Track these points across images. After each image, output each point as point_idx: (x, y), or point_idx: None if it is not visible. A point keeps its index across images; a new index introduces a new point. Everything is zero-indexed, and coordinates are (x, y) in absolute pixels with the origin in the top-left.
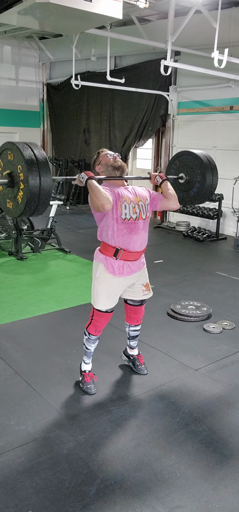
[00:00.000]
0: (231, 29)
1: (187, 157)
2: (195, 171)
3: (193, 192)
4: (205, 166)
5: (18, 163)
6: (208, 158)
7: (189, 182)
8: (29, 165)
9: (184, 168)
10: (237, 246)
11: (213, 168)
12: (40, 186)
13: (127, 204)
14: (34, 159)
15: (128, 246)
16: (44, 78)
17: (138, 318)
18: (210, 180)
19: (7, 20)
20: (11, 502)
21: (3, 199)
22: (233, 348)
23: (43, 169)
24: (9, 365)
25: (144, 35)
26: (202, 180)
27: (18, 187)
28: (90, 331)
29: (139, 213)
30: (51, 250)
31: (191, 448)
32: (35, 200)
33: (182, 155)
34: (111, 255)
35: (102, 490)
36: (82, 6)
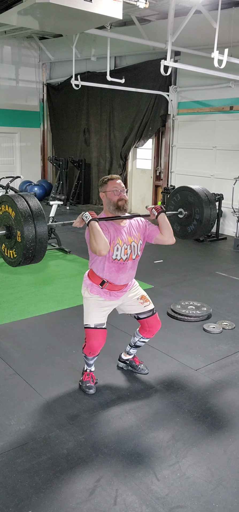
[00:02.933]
0: (231, 29)
1: (188, 193)
2: (194, 208)
3: (190, 229)
4: (204, 205)
5: (13, 215)
6: (207, 194)
7: (188, 217)
8: (24, 217)
9: (184, 203)
10: (237, 246)
11: (212, 206)
12: (36, 236)
13: (119, 247)
14: (28, 211)
15: (114, 281)
16: (44, 78)
17: (154, 331)
18: (208, 217)
19: (7, 20)
20: (11, 502)
21: (3, 248)
22: (233, 348)
23: (38, 220)
24: (9, 365)
25: (144, 35)
26: (200, 218)
27: (15, 239)
28: (85, 352)
29: (129, 254)
30: (51, 250)
31: (191, 448)
32: (32, 250)
33: (184, 190)
34: (98, 283)
35: (102, 490)
36: (82, 6)
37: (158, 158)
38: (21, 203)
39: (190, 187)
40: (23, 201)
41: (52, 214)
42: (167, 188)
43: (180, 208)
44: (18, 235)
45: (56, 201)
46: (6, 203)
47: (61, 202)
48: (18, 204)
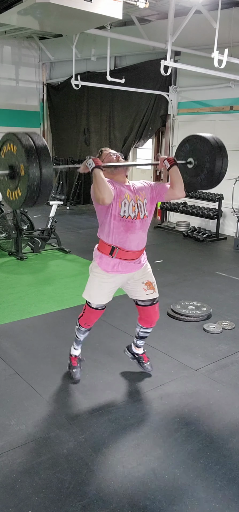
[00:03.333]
0: (231, 29)
1: (197, 141)
2: (204, 156)
3: (201, 178)
4: (214, 151)
5: (18, 154)
6: (218, 142)
7: (197, 167)
8: (29, 155)
9: (194, 152)
10: (237, 246)
11: (223, 153)
12: (41, 176)
13: (126, 202)
14: (34, 149)
15: (124, 245)
16: (44, 78)
17: (151, 321)
18: (219, 165)
19: (7, 20)
20: (11, 502)
21: (4, 188)
22: (233, 348)
23: (43, 159)
24: (9, 365)
25: (144, 35)
26: (211, 166)
27: (18, 178)
28: (81, 322)
29: (137, 212)
30: (51, 250)
31: (191, 448)
32: (36, 190)
33: (192, 139)
34: (108, 253)
35: (102, 490)
36: (82, 6)
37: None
38: (25, 139)
39: (199, 135)
40: (28, 138)
41: (52, 214)
42: None
43: (189, 158)
44: (21, 169)
45: (56, 201)
46: (10, 141)
47: (61, 202)
48: (22, 140)
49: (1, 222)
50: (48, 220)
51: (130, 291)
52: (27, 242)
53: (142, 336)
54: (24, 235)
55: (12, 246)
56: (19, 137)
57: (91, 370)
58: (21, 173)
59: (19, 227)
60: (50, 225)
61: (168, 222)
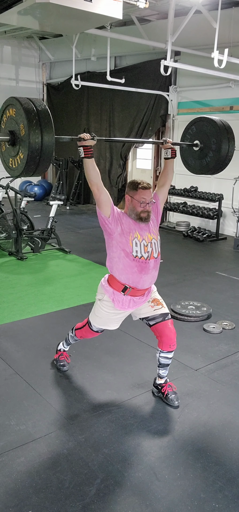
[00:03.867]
0: (231, 29)
1: (203, 123)
2: (210, 138)
3: (206, 161)
4: (221, 133)
5: (20, 119)
6: (225, 124)
7: (203, 150)
8: (30, 121)
9: (200, 135)
10: (237, 246)
11: (230, 136)
12: (42, 142)
13: (137, 242)
14: (36, 115)
15: (137, 285)
16: (44, 78)
17: (169, 341)
18: (226, 149)
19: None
20: (11, 502)
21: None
22: (233, 348)
23: (45, 126)
24: (9, 365)
25: (144, 35)
26: (217, 148)
27: (19, 145)
28: (77, 334)
29: (150, 252)
30: (51, 250)
31: (191, 448)
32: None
33: (199, 121)
34: (120, 290)
35: (102, 490)
36: (82, 6)
37: (158, 158)
38: (26, 102)
39: (206, 116)
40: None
41: (52, 214)
42: None
43: (195, 141)
44: (21, 129)
45: (56, 201)
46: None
47: (61, 202)
48: (22, 103)
49: (1, 222)
50: (48, 220)
51: (137, 314)
52: (27, 242)
53: (163, 364)
54: (24, 235)
55: (12, 246)
56: (20, 100)
57: (91, 370)
58: (21, 134)
59: (19, 227)
60: (50, 225)
61: (168, 222)
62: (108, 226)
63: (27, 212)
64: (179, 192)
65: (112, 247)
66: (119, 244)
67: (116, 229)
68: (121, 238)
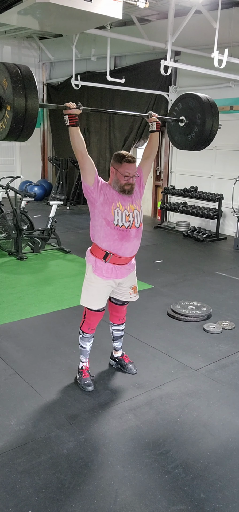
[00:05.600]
0: (231, 29)
1: (190, 100)
2: (195, 114)
3: (192, 136)
4: (205, 109)
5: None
6: (210, 101)
7: (188, 125)
8: (14, 84)
9: (186, 111)
10: (237, 246)
11: (214, 112)
12: (26, 106)
13: (119, 211)
14: (20, 78)
15: (118, 252)
16: (44, 78)
17: (119, 316)
18: (210, 124)
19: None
20: (11, 502)
21: None
22: (233, 348)
23: (29, 90)
24: (9, 365)
25: (144, 35)
26: (201, 123)
27: (5, 109)
28: (84, 329)
29: (132, 221)
30: (51, 250)
31: (191, 448)
32: (20, 122)
33: (186, 97)
34: (101, 257)
35: (102, 491)
36: (82, 6)
37: (158, 158)
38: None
39: (192, 93)
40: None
41: (52, 214)
42: (167, 188)
43: (181, 116)
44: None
45: (56, 201)
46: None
47: (61, 202)
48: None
49: (1, 222)
50: (48, 220)
51: (116, 294)
52: (27, 242)
53: (117, 336)
54: (24, 235)
55: (12, 246)
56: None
57: (91, 370)
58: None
59: (19, 227)
60: (50, 225)
61: (168, 222)
62: (91, 194)
63: (27, 212)
64: (179, 192)
65: (94, 215)
66: (101, 213)
67: (99, 198)
68: (103, 207)
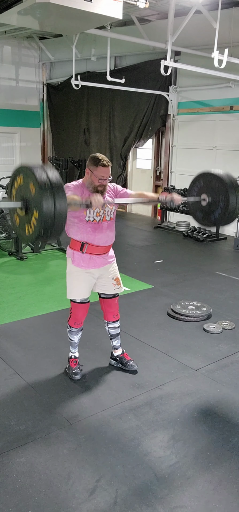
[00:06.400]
0: (231, 29)
1: (211, 179)
2: (218, 195)
3: (214, 217)
4: (229, 191)
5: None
6: (233, 182)
7: (211, 205)
8: (42, 189)
9: (208, 189)
10: (237, 246)
11: (236, 190)
12: (55, 211)
13: (91, 210)
14: (48, 183)
15: (93, 241)
16: (44, 78)
17: (113, 312)
18: (234, 205)
19: (7, 20)
20: (11, 502)
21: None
22: (233, 348)
23: (58, 194)
24: (9, 365)
25: (144, 35)
26: (225, 206)
27: (32, 212)
28: (70, 324)
29: (102, 216)
30: (51, 250)
31: (191, 448)
32: (50, 225)
33: (207, 175)
34: (78, 249)
35: (103, 490)
36: (82, 6)
37: (158, 158)
38: (40, 173)
39: (214, 173)
40: (43, 172)
41: None
42: (167, 188)
43: (203, 195)
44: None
45: None
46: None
47: None
48: (36, 174)
49: (1, 222)
50: None
51: (100, 287)
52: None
53: (114, 334)
54: None
55: (12, 246)
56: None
57: (91, 370)
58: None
59: None
60: None
61: (168, 222)
62: None
63: None
64: (179, 192)
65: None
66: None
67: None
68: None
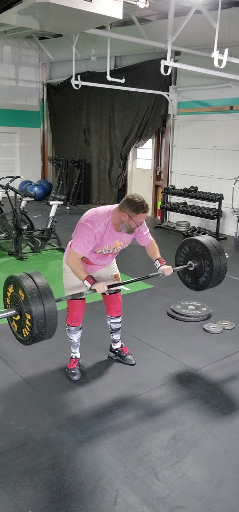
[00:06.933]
0: (231, 29)
1: (196, 245)
2: (203, 261)
3: (202, 281)
4: (213, 256)
5: (21, 293)
6: (216, 246)
7: (198, 269)
8: (31, 295)
9: (193, 255)
10: (237, 246)
11: (220, 252)
12: (44, 310)
13: (103, 250)
14: (35, 288)
15: (93, 261)
16: (44, 78)
17: (116, 308)
18: (218, 267)
19: (7, 20)
20: (11, 502)
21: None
22: (233, 348)
23: (45, 295)
24: (9, 365)
25: (144, 35)
26: (210, 271)
27: (25, 316)
28: (68, 322)
29: (111, 251)
30: (51, 250)
31: (192, 448)
32: (43, 324)
33: (191, 242)
34: None
35: (103, 490)
36: (82, 6)
37: (158, 158)
38: (27, 282)
39: (197, 239)
40: (30, 280)
41: (52, 214)
42: (167, 188)
43: (189, 261)
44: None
45: (56, 201)
46: (12, 283)
47: (61, 202)
48: (23, 282)
49: (1, 222)
50: (48, 220)
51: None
52: (27, 242)
53: (115, 328)
54: (24, 235)
55: (12, 246)
56: (17, 278)
57: (92, 369)
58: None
59: (19, 227)
60: (50, 225)
61: (168, 222)
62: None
63: (27, 212)
64: (179, 192)
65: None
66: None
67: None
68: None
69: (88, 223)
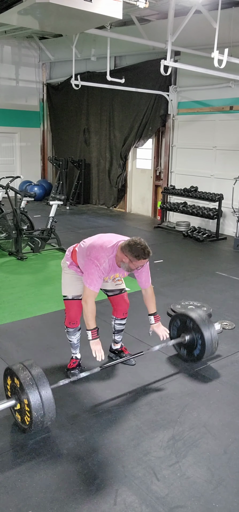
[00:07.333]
0: (231, 29)
1: (186, 318)
2: (195, 334)
3: (196, 353)
4: (203, 329)
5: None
6: (203, 318)
7: (191, 341)
8: (28, 385)
9: (185, 328)
10: (237, 246)
11: (211, 328)
12: (41, 395)
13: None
14: (31, 378)
15: None
16: (44, 78)
17: (123, 310)
18: (210, 339)
19: (7, 20)
20: (11, 502)
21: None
22: (233, 348)
23: (41, 384)
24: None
25: (144, 35)
26: (202, 343)
27: (23, 402)
28: (66, 324)
29: (111, 280)
30: (51, 250)
31: (191, 448)
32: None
33: (182, 316)
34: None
35: (102, 490)
36: (82, 6)
37: (158, 158)
38: (22, 372)
39: (187, 314)
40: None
41: (52, 214)
42: (167, 188)
43: (182, 334)
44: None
45: (56, 201)
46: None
47: (61, 202)
48: (19, 374)
49: (1, 222)
50: (48, 220)
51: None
52: (27, 242)
53: (118, 330)
54: (24, 235)
55: (12, 246)
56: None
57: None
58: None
59: (19, 227)
60: (50, 225)
61: (168, 222)
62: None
63: (27, 212)
64: (179, 192)
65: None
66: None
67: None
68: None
69: (96, 260)
